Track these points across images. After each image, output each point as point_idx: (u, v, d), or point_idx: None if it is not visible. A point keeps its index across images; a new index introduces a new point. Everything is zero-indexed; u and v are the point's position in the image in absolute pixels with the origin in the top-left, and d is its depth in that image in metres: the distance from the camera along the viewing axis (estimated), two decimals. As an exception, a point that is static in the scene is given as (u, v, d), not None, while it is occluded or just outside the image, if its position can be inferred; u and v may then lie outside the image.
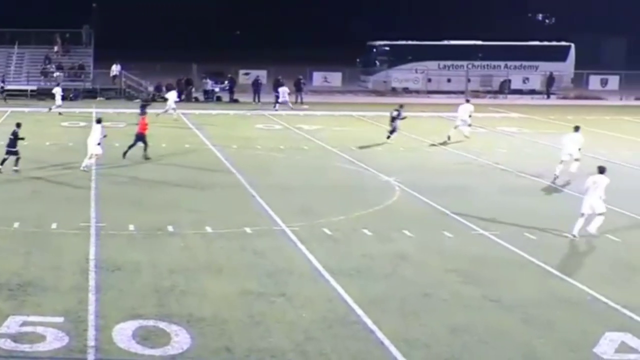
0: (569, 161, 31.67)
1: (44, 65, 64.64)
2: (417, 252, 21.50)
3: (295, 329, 16.08)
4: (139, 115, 36.73)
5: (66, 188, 28.96)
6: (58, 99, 50.04)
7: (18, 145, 31.73)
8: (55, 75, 62.28)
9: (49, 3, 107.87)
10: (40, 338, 15.45)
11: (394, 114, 40.52)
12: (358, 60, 72.65)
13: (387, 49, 70.64)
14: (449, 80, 68.24)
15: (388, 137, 40.34)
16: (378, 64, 70.18)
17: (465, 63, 68.94)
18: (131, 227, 23.40)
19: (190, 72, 65.48)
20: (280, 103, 54.61)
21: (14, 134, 31.92)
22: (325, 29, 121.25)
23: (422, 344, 15.56)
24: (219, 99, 61.42)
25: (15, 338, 15.44)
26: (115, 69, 64.59)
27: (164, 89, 59.40)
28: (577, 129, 32.61)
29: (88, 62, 65.37)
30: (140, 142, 34.34)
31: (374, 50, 71.19)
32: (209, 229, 23.36)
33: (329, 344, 15.46)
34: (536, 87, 68.23)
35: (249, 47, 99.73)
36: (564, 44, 71.55)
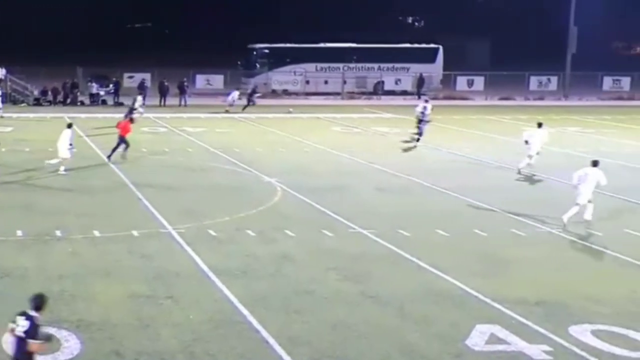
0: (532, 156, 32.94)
1: None
2: (299, 251, 21.56)
3: (183, 331, 15.97)
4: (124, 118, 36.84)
5: (-46, 194, 28.23)
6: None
7: None
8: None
9: None
10: None
11: (419, 116, 40.90)
12: (239, 62, 72.32)
13: (267, 51, 70.51)
14: (326, 82, 68.47)
15: (417, 140, 40.49)
16: (258, 66, 69.93)
17: (341, 65, 69.35)
18: (19, 233, 22.90)
19: (76, 76, 64.33)
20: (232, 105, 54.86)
21: None
22: (209, 33, 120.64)
23: (305, 341, 15.62)
24: (104, 102, 60.41)
25: None
26: (0, 73, 63.01)
27: (49, 92, 58.30)
28: (540, 125, 34.08)
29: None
30: (123, 144, 34.76)
31: (255, 52, 70.90)
32: (96, 233, 23.00)
33: (216, 344, 15.40)
34: (408, 88, 68.91)
35: (133, 50, 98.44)
36: (432, 46, 72.48)
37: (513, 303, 17.61)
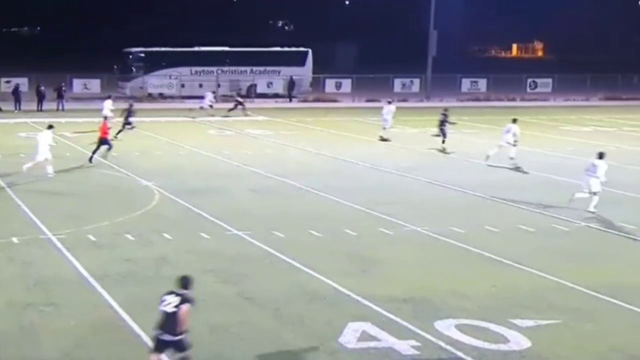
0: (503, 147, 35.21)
1: None
2: (177, 255, 21.36)
3: (64, 338, 15.64)
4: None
5: None
6: None
7: None
8: None
9: None
10: None
11: (441, 117, 40.63)
12: (115, 67, 71.12)
13: (143, 55, 69.38)
14: (200, 86, 67.79)
15: (443, 142, 40.17)
16: (134, 70, 68.79)
17: (215, 69, 68.88)
18: None
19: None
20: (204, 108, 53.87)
21: None
22: (86, 37, 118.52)
23: (185, 344, 15.47)
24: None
25: None
26: None
27: None
28: (515, 120, 36.68)
29: None
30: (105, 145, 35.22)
31: (130, 56, 69.71)
32: (-24, 241, 22.37)
33: (98, 350, 15.14)
34: (279, 91, 68.94)
35: (10, 55, 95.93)
36: (302, 49, 72.56)
37: (383, 300, 17.80)
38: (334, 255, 21.70)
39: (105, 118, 37.93)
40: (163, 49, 70.19)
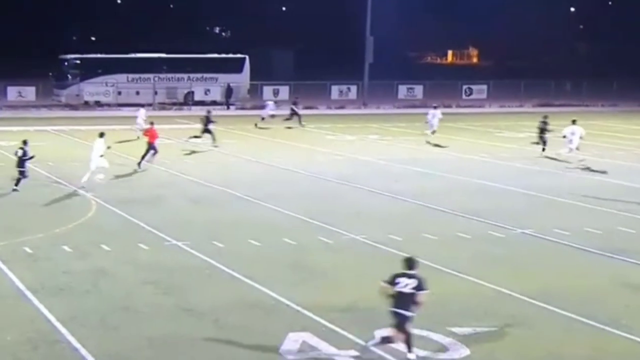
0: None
1: None
2: (115, 266, 21.18)
3: (2, 353, 15.40)
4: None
5: None
6: None
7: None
8: None
9: None
10: None
11: (541, 125, 40.88)
12: (51, 74, 70.11)
13: (78, 62, 68.20)
14: (137, 93, 67.14)
15: (543, 150, 40.52)
16: (70, 77, 67.60)
17: (151, 76, 68.19)
18: None
19: None
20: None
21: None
22: (22, 44, 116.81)
23: (123, 357, 15.38)
24: None
25: None
26: None
27: None
28: (574, 121, 38.85)
29: None
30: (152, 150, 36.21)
31: (66, 63, 68.51)
32: None
33: (35, 365, 14.97)
34: (217, 98, 68.49)
35: None
36: (239, 56, 72.15)
37: (323, 310, 17.82)
38: (273, 264, 21.69)
39: (151, 123, 38.28)
40: (99, 55, 69.43)
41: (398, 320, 15.12)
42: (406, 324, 15.10)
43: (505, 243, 24.13)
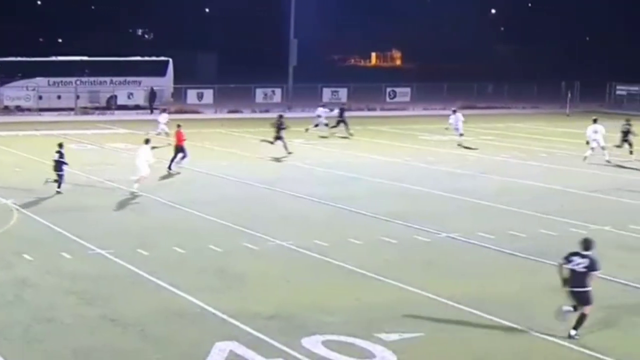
0: None
1: None
2: (38, 276, 20.84)
3: None
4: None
5: None
6: None
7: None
8: None
9: None
10: None
11: (624, 128, 41.22)
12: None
13: (-3, 65, 66.88)
14: (59, 97, 66.03)
15: (631, 153, 41.06)
16: (-11, 81, 66.24)
17: (74, 79, 66.96)
18: None
19: None
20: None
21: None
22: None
23: (48, 370, 15.15)
24: None
25: None
26: None
27: None
28: (596, 120, 40.61)
29: None
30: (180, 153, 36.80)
31: (-16, 67, 66.95)
32: None
33: (-44, 381, 14.65)
34: (140, 102, 67.68)
35: None
36: (162, 59, 71.35)
37: (249, 318, 17.76)
38: (199, 272, 21.55)
39: (178, 126, 38.14)
40: (18, 58, 67.79)
41: (577, 298, 16.48)
42: (584, 300, 16.41)
43: (431, 247, 24.32)
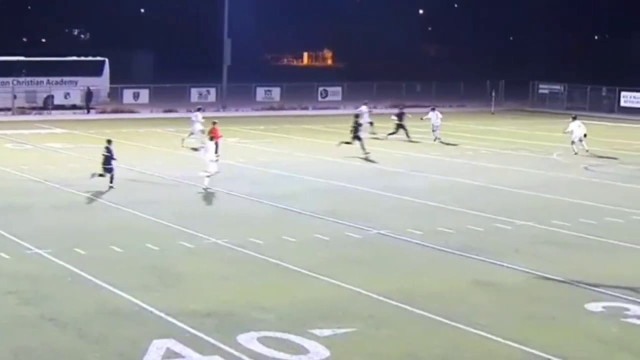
0: None
1: None
2: (-24, 277, 20.50)
3: None
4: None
5: None
6: None
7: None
8: None
9: None
10: None
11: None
12: None
13: None
14: None
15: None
16: None
17: (10, 79, 65.72)
18: None
19: None
20: None
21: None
22: None
23: (-13, 371, 14.92)
24: None
25: None
26: None
27: None
28: (575, 118, 43.36)
29: None
30: None
31: None
32: None
33: None
34: (77, 102, 66.71)
35: None
36: (99, 59, 70.24)
37: (186, 316, 17.67)
38: (136, 270, 21.40)
39: (214, 123, 38.43)
40: (-46, 58, 66.47)
41: None
42: None
43: (362, 244, 24.44)
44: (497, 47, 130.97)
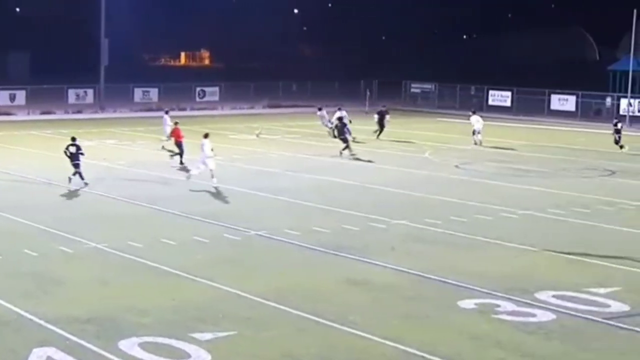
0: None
1: None
2: None
3: None
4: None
5: None
6: None
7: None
8: None
9: None
10: None
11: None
12: None
13: None
14: None
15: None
16: None
17: None
18: None
19: None
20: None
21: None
22: None
23: None
24: None
25: None
26: None
27: None
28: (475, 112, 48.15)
29: None
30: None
31: None
32: None
33: None
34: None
35: None
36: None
37: (66, 322, 17.36)
38: (14, 277, 20.92)
39: (176, 123, 38.94)
40: None
41: None
42: None
43: (240, 245, 24.47)
44: (370, 47, 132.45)
